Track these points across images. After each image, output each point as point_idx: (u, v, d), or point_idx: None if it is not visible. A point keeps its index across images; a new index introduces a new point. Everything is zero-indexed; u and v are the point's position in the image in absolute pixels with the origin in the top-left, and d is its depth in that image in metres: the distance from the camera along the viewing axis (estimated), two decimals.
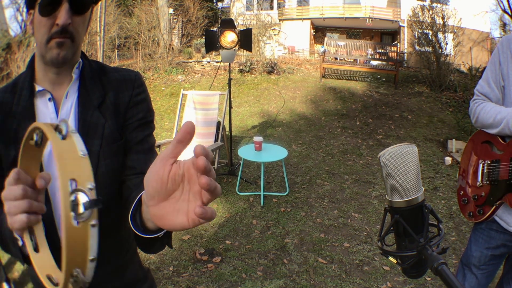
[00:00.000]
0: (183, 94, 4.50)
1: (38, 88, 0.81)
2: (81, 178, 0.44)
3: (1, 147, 0.79)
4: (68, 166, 0.44)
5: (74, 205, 0.43)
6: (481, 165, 1.44)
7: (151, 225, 0.56)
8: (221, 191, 0.43)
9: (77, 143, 0.47)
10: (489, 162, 1.41)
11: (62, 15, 0.72)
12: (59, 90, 0.83)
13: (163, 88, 8.56)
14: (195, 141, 4.22)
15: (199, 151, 0.40)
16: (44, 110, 0.81)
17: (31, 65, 0.83)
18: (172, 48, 10.80)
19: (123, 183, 0.86)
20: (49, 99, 0.81)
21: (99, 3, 0.93)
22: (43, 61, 0.80)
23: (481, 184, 1.43)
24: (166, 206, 0.44)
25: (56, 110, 0.82)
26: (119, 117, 0.86)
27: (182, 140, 0.42)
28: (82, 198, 0.43)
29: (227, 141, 4.53)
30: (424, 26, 9.29)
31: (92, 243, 0.44)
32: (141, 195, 0.58)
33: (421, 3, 10.31)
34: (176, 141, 0.43)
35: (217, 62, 10.19)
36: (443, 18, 8.98)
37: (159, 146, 3.91)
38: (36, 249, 0.56)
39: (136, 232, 0.58)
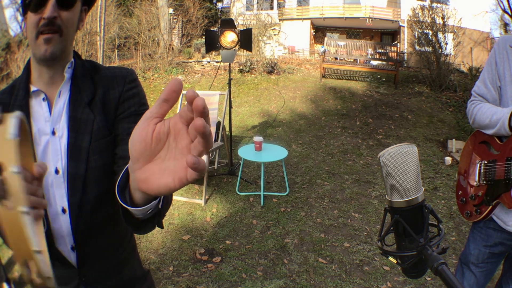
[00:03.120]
0: (183, 94, 4.50)
1: (33, 88, 0.85)
2: (5, 161, 0.44)
3: None
4: None
5: None
6: (478, 165, 1.45)
7: (139, 196, 0.50)
8: (211, 145, 0.38)
9: (9, 127, 0.45)
10: (486, 162, 1.42)
11: (48, 9, 0.77)
12: (53, 90, 0.86)
13: (163, 88, 8.53)
14: None
15: (192, 93, 0.37)
16: (38, 110, 0.85)
17: (27, 67, 0.87)
18: (172, 48, 10.80)
19: (115, 174, 0.85)
20: (43, 99, 0.85)
21: (97, 3, 0.95)
22: (35, 60, 0.84)
23: (478, 184, 1.44)
24: (151, 168, 0.42)
25: (49, 109, 0.85)
26: (108, 114, 0.88)
27: (168, 99, 0.39)
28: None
29: (227, 141, 4.53)
30: (424, 26, 9.29)
31: (30, 232, 0.44)
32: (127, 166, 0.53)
33: (421, 3, 10.32)
34: (161, 100, 0.39)
35: (217, 62, 10.19)
36: (443, 18, 8.98)
37: None
38: None
39: (123, 204, 0.53)
